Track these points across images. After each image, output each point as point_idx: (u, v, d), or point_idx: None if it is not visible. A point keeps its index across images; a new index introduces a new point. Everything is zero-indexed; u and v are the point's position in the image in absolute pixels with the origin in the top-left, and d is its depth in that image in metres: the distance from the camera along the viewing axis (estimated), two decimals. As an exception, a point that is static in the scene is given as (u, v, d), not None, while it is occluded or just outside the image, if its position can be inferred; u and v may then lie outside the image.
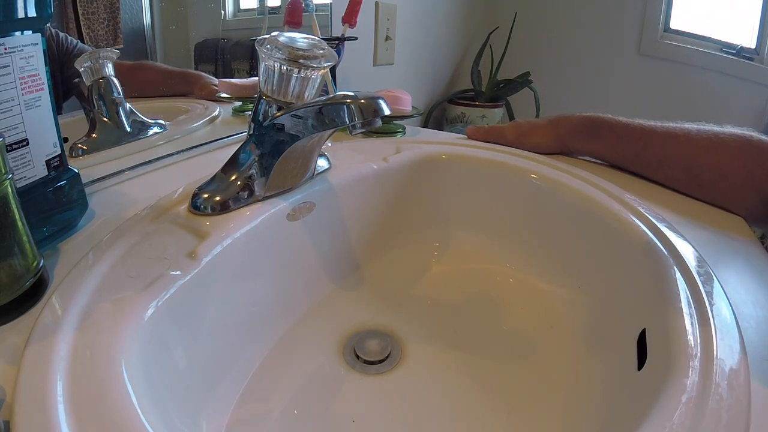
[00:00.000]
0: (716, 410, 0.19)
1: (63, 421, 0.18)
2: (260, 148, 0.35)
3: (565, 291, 0.42)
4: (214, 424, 0.28)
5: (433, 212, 0.51)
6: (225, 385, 0.31)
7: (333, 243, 0.44)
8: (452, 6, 1.34)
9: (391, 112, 0.34)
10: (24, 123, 0.28)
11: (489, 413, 0.33)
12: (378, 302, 0.43)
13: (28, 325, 0.23)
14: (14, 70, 0.27)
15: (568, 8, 1.48)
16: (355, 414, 0.32)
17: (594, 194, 0.41)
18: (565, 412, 0.32)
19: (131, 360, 0.21)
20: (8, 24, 0.26)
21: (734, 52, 1.32)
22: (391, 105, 0.45)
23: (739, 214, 0.40)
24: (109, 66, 0.45)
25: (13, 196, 0.24)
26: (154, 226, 0.32)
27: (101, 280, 0.26)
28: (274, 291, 0.37)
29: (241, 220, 0.34)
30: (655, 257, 0.32)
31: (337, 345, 0.38)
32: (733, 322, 0.25)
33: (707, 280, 0.28)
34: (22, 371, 0.20)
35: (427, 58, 1.27)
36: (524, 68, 1.42)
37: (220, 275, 0.31)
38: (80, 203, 0.33)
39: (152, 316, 0.24)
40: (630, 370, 0.28)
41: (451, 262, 0.49)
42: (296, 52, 0.32)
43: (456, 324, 0.42)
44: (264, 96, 0.34)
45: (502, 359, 0.38)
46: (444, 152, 0.51)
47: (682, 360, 0.22)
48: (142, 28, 0.48)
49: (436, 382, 0.35)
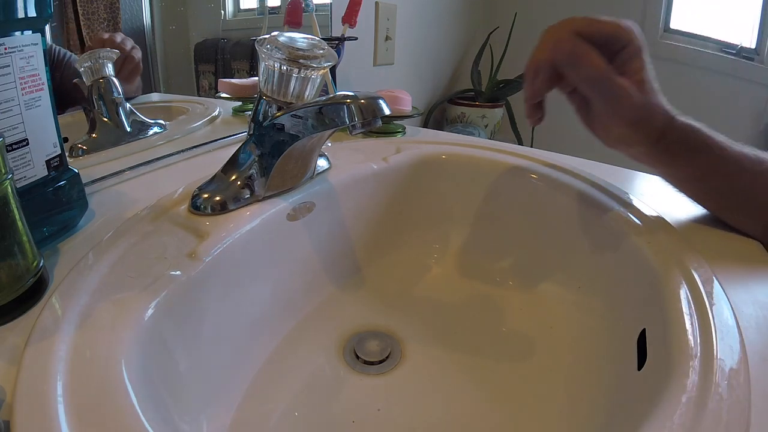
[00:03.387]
0: (716, 410, 0.19)
1: (63, 421, 0.18)
2: (260, 148, 0.35)
3: (565, 291, 0.42)
4: (215, 424, 0.28)
5: (433, 212, 0.51)
6: (225, 385, 0.31)
7: (333, 243, 0.44)
8: (452, 6, 1.34)
9: (391, 112, 0.34)
10: (24, 123, 0.28)
11: (489, 413, 0.33)
12: (378, 303, 0.43)
13: (28, 325, 0.23)
14: (14, 70, 0.27)
15: (568, 8, 1.47)
16: (355, 414, 0.32)
17: (594, 194, 0.41)
18: (565, 413, 0.32)
19: (131, 360, 0.21)
20: (8, 24, 0.26)
21: (734, 52, 1.32)
22: (391, 105, 0.45)
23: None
24: (109, 66, 0.45)
25: (13, 196, 0.24)
26: (154, 226, 0.32)
27: (101, 280, 0.26)
28: (274, 291, 0.37)
29: (241, 220, 0.34)
30: (656, 257, 0.32)
31: (337, 345, 0.38)
32: (733, 322, 0.25)
33: (707, 281, 0.28)
34: (22, 371, 0.20)
35: (427, 58, 1.27)
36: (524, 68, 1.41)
37: (220, 275, 0.31)
38: (80, 203, 0.33)
39: (152, 316, 0.24)
40: (630, 370, 0.28)
41: (451, 263, 0.49)
42: (296, 52, 0.32)
43: (456, 325, 0.42)
44: (264, 96, 0.34)
45: (502, 360, 0.38)
46: (444, 152, 0.51)
47: (682, 360, 0.22)
48: (142, 28, 0.48)
49: (435, 382, 0.35)
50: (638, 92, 0.32)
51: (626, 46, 0.33)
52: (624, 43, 0.33)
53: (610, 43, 0.32)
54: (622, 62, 0.33)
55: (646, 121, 0.33)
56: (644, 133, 0.34)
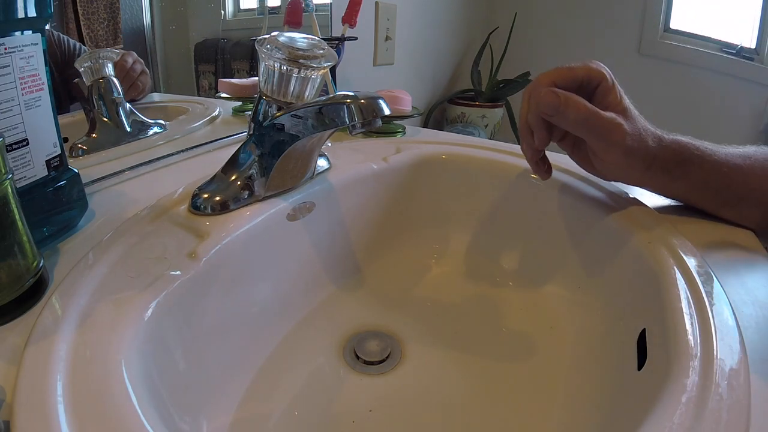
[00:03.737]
0: (716, 410, 0.19)
1: (63, 421, 0.18)
2: (260, 148, 0.35)
3: (565, 291, 0.42)
4: (215, 424, 0.28)
5: (433, 212, 0.51)
6: (225, 385, 0.31)
7: (333, 243, 0.44)
8: (452, 6, 1.34)
9: (391, 112, 0.34)
10: (24, 123, 0.28)
11: (489, 413, 0.33)
12: (378, 303, 0.43)
13: (28, 325, 0.23)
14: (14, 70, 0.27)
15: (568, 8, 1.48)
16: (354, 414, 0.32)
17: (594, 194, 0.41)
18: (565, 413, 0.32)
19: (131, 360, 0.21)
20: (8, 24, 0.26)
21: (734, 52, 1.32)
22: (391, 105, 0.45)
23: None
24: (109, 66, 0.45)
25: (13, 196, 0.24)
26: (154, 226, 0.32)
27: (101, 280, 0.26)
28: (274, 291, 0.37)
29: (241, 220, 0.34)
30: (656, 257, 0.32)
31: (337, 345, 0.38)
32: (733, 322, 0.25)
33: (707, 280, 0.28)
34: (22, 371, 0.20)
35: (427, 58, 1.27)
36: (524, 68, 1.42)
37: (220, 275, 0.31)
38: (80, 203, 0.33)
39: (152, 316, 0.24)
40: (630, 370, 0.28)
41: (450, 263, 0.49)
42: (296, 52, 0.32)
43: (456, 324, 0.42)
44: (264, 96, 0.34)
45: (502, 360, 0.38)
46: (444, 152, 0.51)
47: (682, 360, 0.22)
48: (142, 28, 0.48)
49: (435, 382, 0.35)
50: (626, 122, 0.34)
51: (600, 83, 0.35)
52: (597, 81, 0.35)
53: (585, 85, 0.35)
54: (601, 98, 0.35)
55: (640, 145, 0.35)
56: (639, 157, 0.35)
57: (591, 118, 0.33)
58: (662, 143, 0.35)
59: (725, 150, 0.37)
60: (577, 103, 0.33)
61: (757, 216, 0.37)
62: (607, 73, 0.35)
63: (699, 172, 0.36)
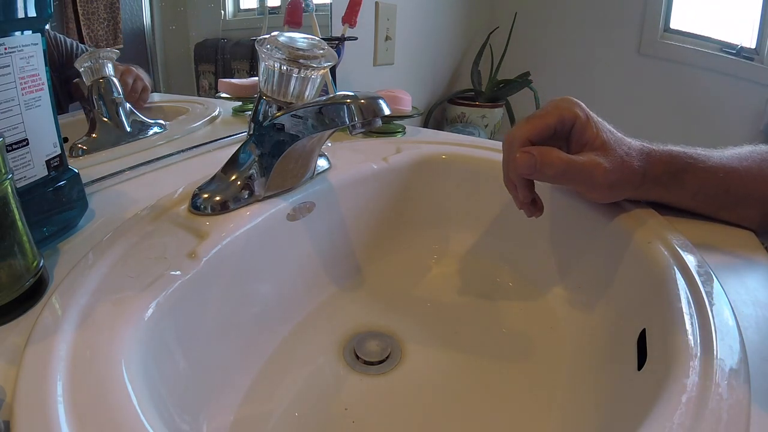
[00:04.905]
0: (716, 410, 0.19)
1: (63, 421, 0.18)
2: (260, 148, 0.35)
3: (565, 291, 0.42)
4: (215, 424, 0.28)
5: (433, 212, 0.51)
6: (225, 385, 0.31)
7: (333, 243, 0.44)
8: (452, 6, 1.34)
9: (391, 112, 0.34)
10: (24, 123, 0.28)
11: (489, 413, 0.33)
12: (378, 303, 0.43)
13: (28, 325, 0.23)
14: (14, 70, 0.27)
15: (568, 8, 1.48)
16: (355, 414, 0.32)
17: (594, 194, 0.41)
18: (565, 413, 0.32)
19: (131, 360, 0.21)
20: (8, 24, 0.26)
21: (734, 52, 1.32)
22: (391, 105, 0.45)
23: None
24: (109, 66, 0.45)
25: (13, 196, 0.24)
26: (154, 226, 0.32)
27: (101, 280, 0.26)
28: (274, 291, 0.37)
29: (241, 220, 0.34)
30: (655, 257, 0.32)
31: (338, 346, 0.38)
32: (733, 322, 0.25)
33: (707, 280, 0.28)
34: (22, 371, 0.20)
35: (427, 58, 1.27)
36: (524, 68, 1.42)
37: (220, 275, 0.31)
38: (80, 203, 0.33)
39: (152, 316, 0.24)
40: (630, 370, 0.28)
41: (450, 263, 0.49)
42: (296, 52, 0.32)
43: (456, 325, 0.42)
44: (264, 96, 0.34)
45: (502, 360, 0.38)
46: (444, 152, 0.51)
47: (682, 360, 0.22)
48: (142, 28, 0.48)
49: (435, 382, 0.35)
50: (605, 158, 0.34)
51: (574, 122, 0.35)
52: (571, 122, 0.35)
53: (560, 129, 0.35)
54: (579, 136, 0.35)
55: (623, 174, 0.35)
56: (625, 183, 0.36)
57: (568, 170, 0.34)
58: (651, 158, 0.36)
59: (719, 154, 0.38)
60: (551, 158, 0.33)
61: (756, 216, 0.37)
62: (579, 110, 0.36)
63: (694, 180, 0.37)
